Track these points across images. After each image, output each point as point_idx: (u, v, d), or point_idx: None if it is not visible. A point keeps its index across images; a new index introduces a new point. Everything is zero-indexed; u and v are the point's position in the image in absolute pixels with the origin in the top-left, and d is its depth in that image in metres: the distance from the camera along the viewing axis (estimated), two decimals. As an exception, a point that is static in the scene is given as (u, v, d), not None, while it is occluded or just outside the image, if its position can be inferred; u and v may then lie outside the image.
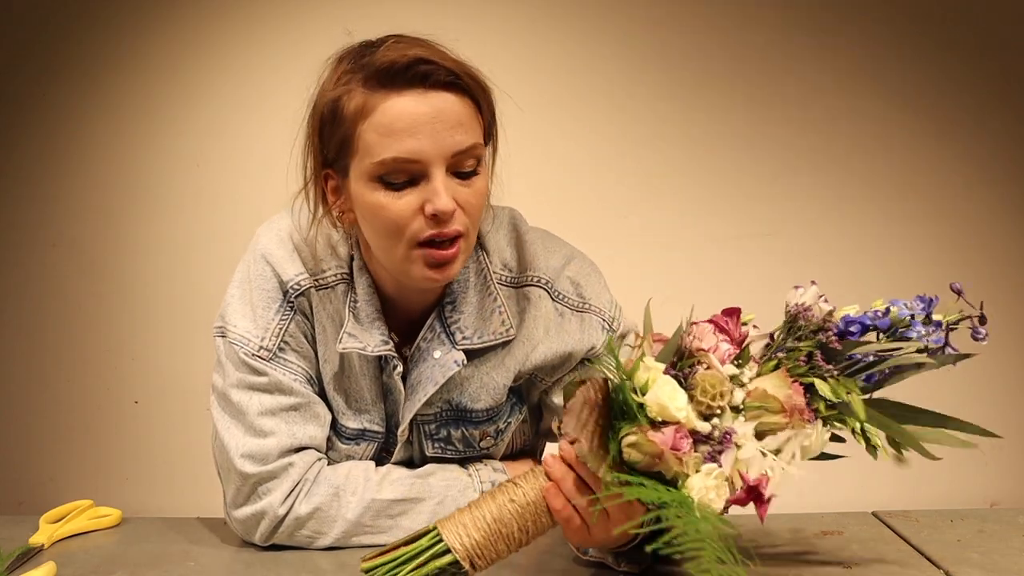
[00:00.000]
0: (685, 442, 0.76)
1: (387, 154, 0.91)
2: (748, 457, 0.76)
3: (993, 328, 0.84)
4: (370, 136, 0.92)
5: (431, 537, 0.83)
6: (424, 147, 0.90)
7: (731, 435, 0.77)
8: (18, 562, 0.99)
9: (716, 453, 0.76)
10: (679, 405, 0.76)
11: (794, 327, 0.82)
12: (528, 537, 0.84)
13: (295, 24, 1.94)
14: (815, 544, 1.01)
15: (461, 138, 0.92)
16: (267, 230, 1.06)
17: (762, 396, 0.78)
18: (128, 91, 1.96)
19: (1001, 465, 1.97)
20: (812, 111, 1.98)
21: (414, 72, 0.91)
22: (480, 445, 1.09)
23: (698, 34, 1.97)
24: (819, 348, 0.81)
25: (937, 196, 2.00)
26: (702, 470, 0.75)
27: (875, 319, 0.82)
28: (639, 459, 0.77)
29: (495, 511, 0.83)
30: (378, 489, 1.02)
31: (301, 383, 1.03)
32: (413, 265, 0.94)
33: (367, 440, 1.07)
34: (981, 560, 0.95)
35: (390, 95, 0.92)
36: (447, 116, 0.92)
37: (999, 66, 1.99)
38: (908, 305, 0.83)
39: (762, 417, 0.78)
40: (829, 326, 0.81)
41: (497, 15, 1.94)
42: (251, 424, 1.01)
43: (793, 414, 0.78)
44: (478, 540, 0.82)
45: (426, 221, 0.92)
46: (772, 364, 0.82)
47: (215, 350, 1.05)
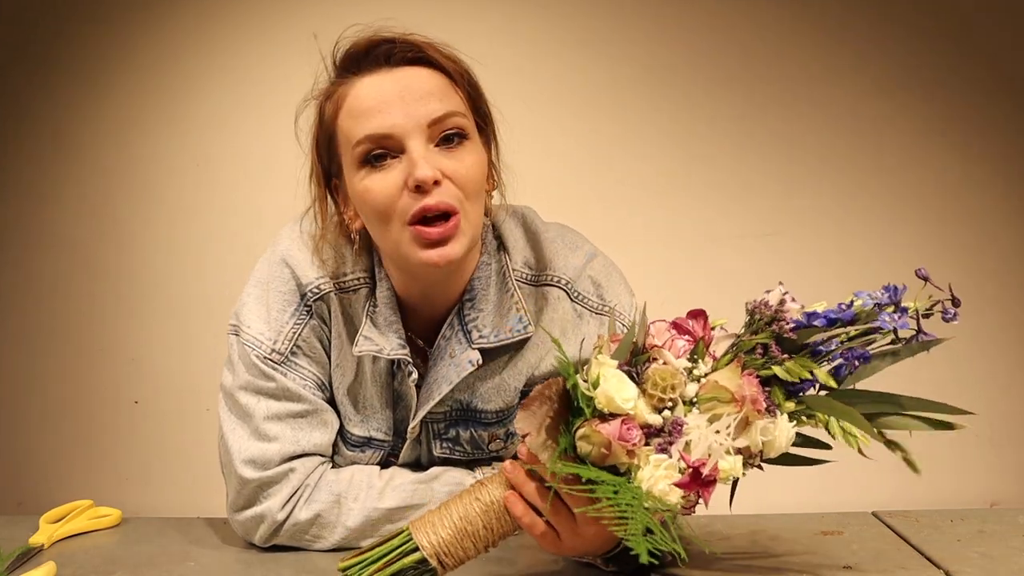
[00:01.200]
0: (634, 433, 0.77)
1: (361, 132, 0.91)
2: (693, 440, 0.77)
3: (993, 328, 0.84)
4: (346, 123, 0.93)
5: (403, 536, 0.85)
6: (395, 120, 0.91)
7: (681, 425, 0.78)
8: (18, 562, 0.99)
9: (668, 444, 0.77)
10: (626, 396, 0.77)
11: (751, 322, 0.83)
12: (494, 536, 0.85)
13: (295, 24, 1.93)
14: (815, 544, 1.01)
15: (435, 106, 0.92)
16: (290, 231, 1.05)
17: (714, 387, 0.79)
18: (128, 90, 1.96)
19: (1001, 465, 1.97)
20: (815, 110, 1.98)
21: (375, 53, 0.93)
22: (489, 447, 1.09)
23: (700, 33, 1.97)
24: (774, 339, 0.81)
25: (940, 195, 2.00)
26: (651, 461, 0.76)
27: (839, 312, 0.82)
28: (589, 450, 0.78)
29: (462, 510, 0.84)
30: (380, 497, 1.01)
31: (311, 389, 1.02)
32: (409, 248, 0.93)
33: (373, 448, 1.07)
34: (981, 560, 0.95)
35: (356, 80, 0.93)
36: (416, 88, 0.92)
37: (1007, 66, 1.99)
38: (873, 295, 0.82)
39: (714, 409, 0.79)
40: (782, 316, 0.81)
41: (498, 13, 1.94)
42: (256, 428, 1.00)
43: (744, 403, 0.78)
44: (444, 538, 0.83)
45: (411, 195, 0.91)
46: (727, 358, 0.82)
47: (227, 347, 1.04)
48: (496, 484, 0.86)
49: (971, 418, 0.80)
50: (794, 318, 0.82)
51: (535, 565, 0.95)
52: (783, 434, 0.79)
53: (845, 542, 1.02)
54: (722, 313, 0.87)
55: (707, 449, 0.77)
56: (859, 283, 2.02)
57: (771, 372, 0.81)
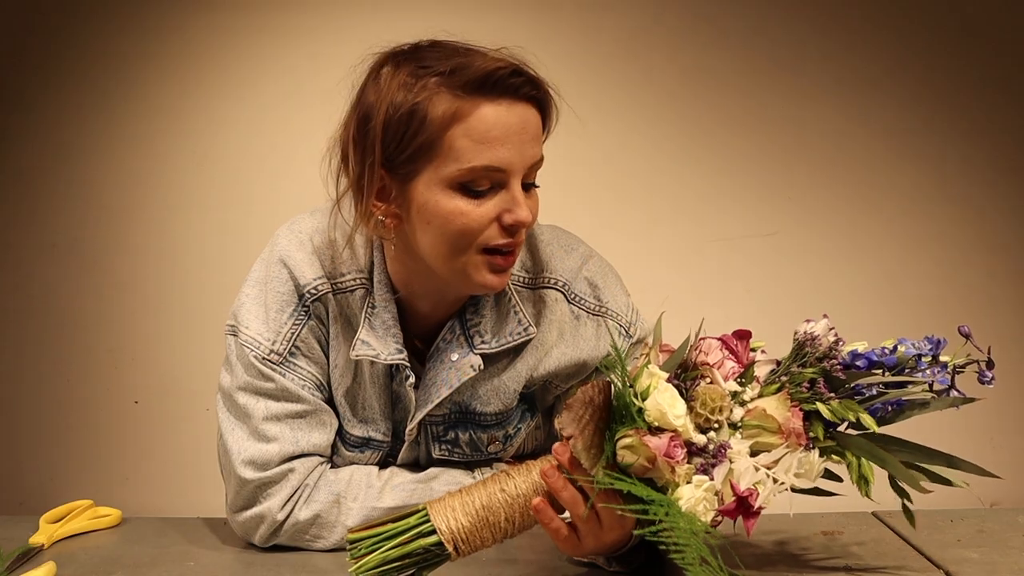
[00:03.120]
0: (679, 451, 0.77)
1: (478, 161, 0.91)
2: (741, 470, 0.77)
3: (993, 331, 0.85)
4: (462, 142, 0.91)
5: (419, 516, 0.84)
6: (512, 157, 0.92)
7: (726, 449, 0.78)
8: (18, 562, 0.99)
9: (709, 466, 0.78)
10: (678, 413, 0.77)
11: (800, 354, 0.83)
12: (515, 528, 0.84)
13: (296, 23, 1.93)
14: (815, 544, 1.01)
15: (536, 151, 0.95)
16: (287, 231, 1.04)
17: (761, 415, 0.79)
18: (128, 90, 1.96)
19: (1001, 465, 1.97)
20: (815, 110, 1.98)
21: (509, 83, 0.92)
22: (488, 450, 1.09)
23: (700, 34, 1.97)
24: (822, 375, 0.82)
25: (941, 195, 2.00)
26: (693, 481, 0.77)
27: (882, 356, 0.84)
28: (632, 462, 0.78)
29: (485, 499, 0.83)
30: (379, 496, 1.01)
31: (310, 390, 1.02)
32: (475, 271, 0.94)
33: (371, 449, 1.07)
34: (981, 560, 0.95)
35: (484, 103, 0.91)
36: (530, 128, 0.94)
37: (1009, 65, 1.98)
38: (916, 345, 0.84)
39: (759, 436, 0.79)
40: (834, 354, 0.82)
41: (498, 12, 1.94)
42: (255, 428, 1.00)
43: (790, 436, 0.79)
44: (464, 524, 0.82)
45: (500, 230, 0.93)
46: (775, 387, 0.83)
47: (225, 347, 1.04)
48: (523, 478, 0.85)
49: (971, 419, 0.80)
50: (841, 355, 0.83)
51: (542, 564, 0.96)
52: (814, 469, 0.80)
53: (845, 542, 1.02)
54: (730, 317, 0.87)
55: (753, 479, 0.77)
56: (861, 284, 2.03)
57: (814, 407, 0.81)
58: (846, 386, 0.83)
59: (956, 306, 1.96)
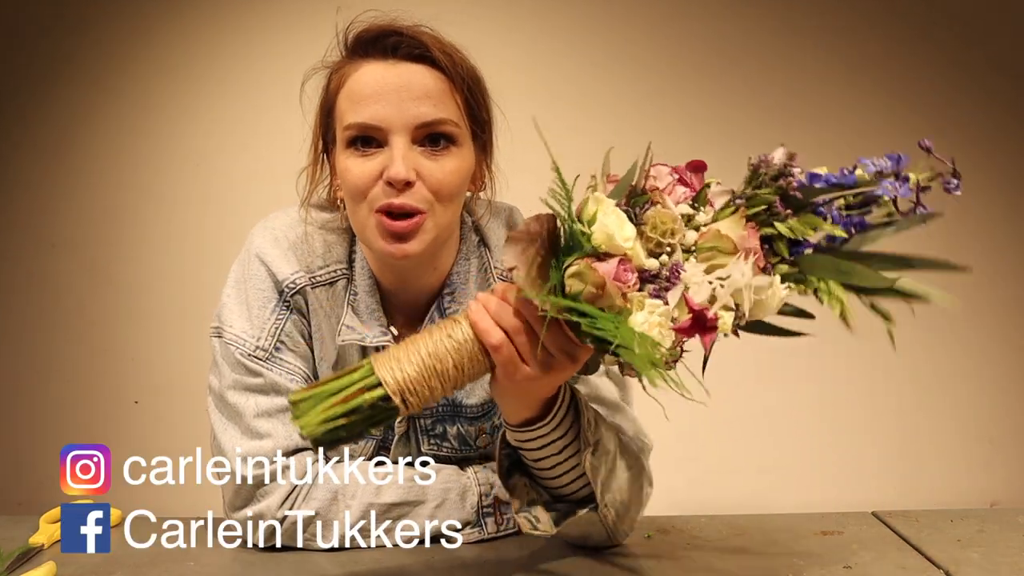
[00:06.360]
0: (630, 275, 0.74)
1: (353, 119, 0.93)
2: (694, 284, 0.74)
3: (992, 326, 0.84)
4: (344, 103, 0.95)
5: (365, 371, 0.79)
6: (387, 114, 0.93)
7: (679, 270, 0.74)
8: (18, 562, 0.99)
9: (663, 291, 0.74)
10: (626, 235, 0.74)
11: (755, 176, 0.79)
12: (464, 376, 0.80)
13: (296, 23, 1.94)
14: (815, 544, 1.01)
15: (427, 110, 0.94)
16: (261, 229, 1.06)
17: (715, 236, 0.76)
18: (128, 91, 1.96)
19: (1001, 465, 1.97)
20: (813, 106, 1.98)
21: (384, 42, 0.94)
22: (477, 443, 1.09)
23: (699, 30, 1.97)
24: (779, 194, 0.78)
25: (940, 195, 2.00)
26: (646, 306, 0.73)
27: (842, 177, 0.79)
28: (581, 289, 0.74)
29: (431, 346, 0.80)
30: (376, 493, 1.01)
31: (298, 383, 1.03)
32: (372, 235, 0.95)
33: (364, 439, 1.07)
34: (981, 560, 0.95)
35: (361, 63, 0.96)
36: (414, 86, 0.94)
37: (1008, 62, 1.99)
38: (876, 163, 0.79)
39: (714, 259, 0.76)
40: (790, 171, 0.78)
41: (496, 9, 1.94)
42: (248, 426, 1.01)
43: (746, 256, 0.75)
44: (411, 375, 0.78)
45: (383, 188, 0.93)
46: (730, 210, 0.79)
47: (211, 351, 1.05)
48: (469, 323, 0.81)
49: (971, 418, 0.80)
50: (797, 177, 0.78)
51: (542, 563, 0.96)
52: (775, 296, 0.76)
53: (845, 542, 1.02)
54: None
55: (709, 295, 0.74)
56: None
57: (772, 231, 0.77)
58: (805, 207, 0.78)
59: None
